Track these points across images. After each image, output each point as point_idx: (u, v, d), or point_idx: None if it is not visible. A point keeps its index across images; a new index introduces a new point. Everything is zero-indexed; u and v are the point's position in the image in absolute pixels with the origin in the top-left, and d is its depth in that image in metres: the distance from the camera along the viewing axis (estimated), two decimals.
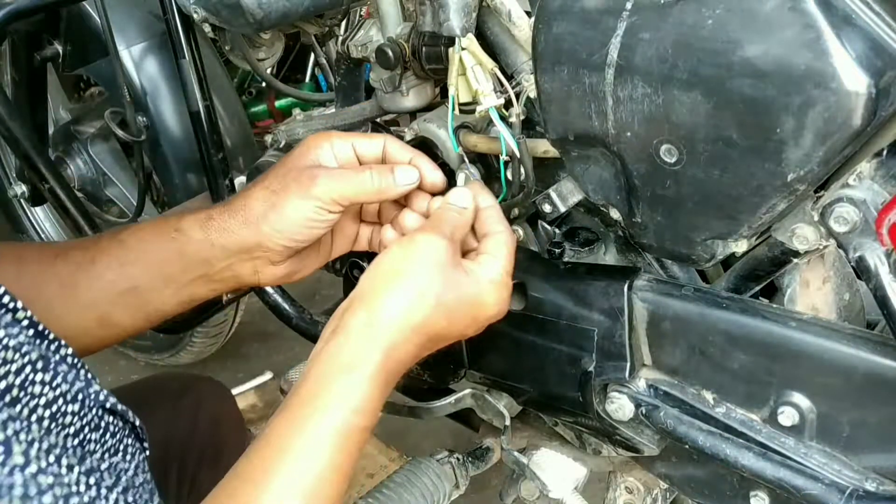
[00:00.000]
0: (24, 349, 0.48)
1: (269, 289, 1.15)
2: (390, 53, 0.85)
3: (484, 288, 0.65)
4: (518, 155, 0.76)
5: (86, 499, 0.46)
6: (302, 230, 0.68)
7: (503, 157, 0.78)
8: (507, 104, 0.77)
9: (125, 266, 0.70)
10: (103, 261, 0.69)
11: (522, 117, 0.75)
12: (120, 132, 1.29)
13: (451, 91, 0.78)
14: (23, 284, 0.67)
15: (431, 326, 0.63)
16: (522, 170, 0.78)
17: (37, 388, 0.48)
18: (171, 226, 0.70)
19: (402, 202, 0.75)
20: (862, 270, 0.63)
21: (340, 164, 0.70)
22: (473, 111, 0.78)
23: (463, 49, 0.76)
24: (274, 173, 0.69)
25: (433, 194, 0.74)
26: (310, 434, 0.58)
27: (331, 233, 0.76)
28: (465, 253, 0.70)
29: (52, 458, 0.45)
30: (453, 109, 0.80)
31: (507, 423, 0.92)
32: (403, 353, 0.62)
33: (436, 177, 0.72)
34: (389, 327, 0.61)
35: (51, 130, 1.66)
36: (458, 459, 1.02)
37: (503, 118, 0.76)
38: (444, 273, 0.63)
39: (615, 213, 0.75)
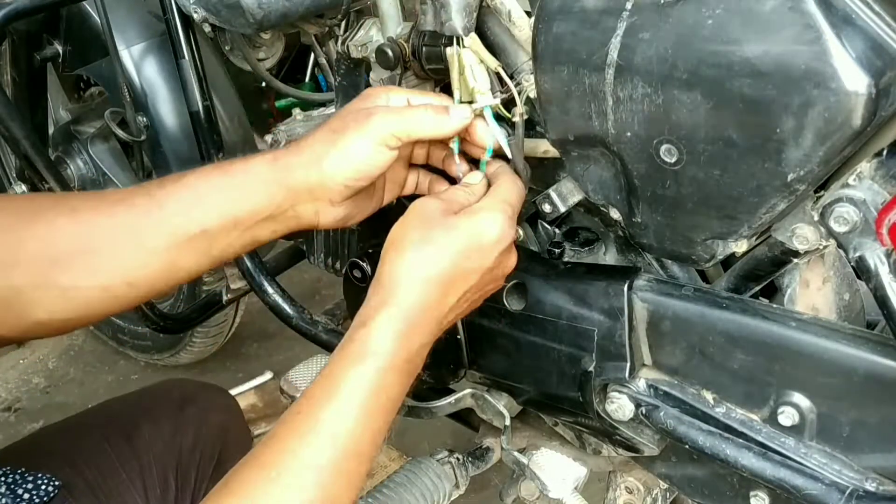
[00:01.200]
0: None
1: (269, 288, 1.15)
2: (390, 53, 0.84)
3: (480, 220, 0.67)
4: (510, 155, 0.76)
5: None
6: (361, 167, 0.70)
7: (486, 158, 0.77)
8: (509, 103, 0.77)
9: (193, 209, 0.70)
10: (171, 206, 0.70)
11: (526, 117, 0.75)
12: (120, 132, 1.29)
13: (456, 90, 0.78)
14: (78, 235, 0.68)
15: (433, 270, 0.65)
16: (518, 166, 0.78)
17: None
18: (238, 168, 0.71)
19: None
20: (862, 270, 0.63)
21: None
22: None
23: (465, 48, 0.76)
24: (335, 115, 0.73)
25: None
26: (335, 380, 0.63)
27: (383, 178, 0.78)
28: None
29: None
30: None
31: (507, 422, 0.92)
32: (415, 300, 0.65)
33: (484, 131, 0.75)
34: (392, 279, 0.66)
35: (51, 130, 1.66)
36: (457, 459, 1.02)
37: (501, 117, 0.76)
38: (433, 222, 0.67)
39: (615, 213, 0.75)
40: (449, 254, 0.66)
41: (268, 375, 1.89)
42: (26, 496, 0.78)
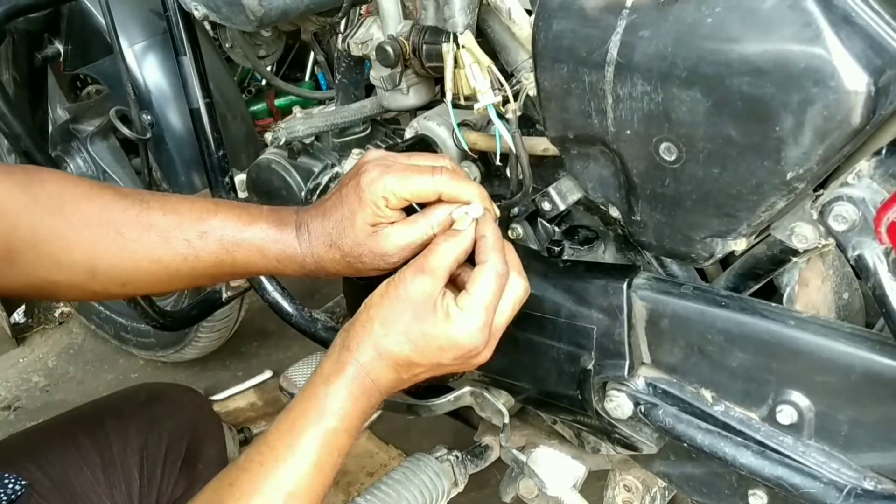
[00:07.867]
0: None
1: (268, 286, 1.15)
2: (391, 51, 0.85)
3: (455, 328, 0.68)
4: (514, 150, 0.76)
5: None
6: (378, 266, 0.74)
7: (498, 153, 0.78)
8: (507, 101, 0.77)
9: (226, 261, 0.76)
10: (206, 258, 0.76)
11: (519, 113, 0.75)
12: (126, 131, 1.29)
13: (448, 87, 0.78)
14: (119, 258, 0.74)
15: (398, 353, 0.68)
16: (519, 166, 0.78)
17: None
18: (273, 256, 0.76)
19: None
20: (861, 269, 0.63)
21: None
22: (471, 106, 0.78)
23: (462, 47, 0.76)
24: (340, 228, 0.72)
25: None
26: (295, 436, 0.68)
27: None
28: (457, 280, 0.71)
29: None
30: (453, 106, 0.80)
31: (506, 420, 0.92)
32: (376, 373, 0.69)
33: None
34: (360, 348, 0.69)
35: (49, 129, 1.66)
36: (456, 457, 1.02)
37: (500, 115, 0.76)
38: (417, 309, 0.68)
39: (614, 212, 0.75)
40: (417, 345, 0.68)
41: (267, 374, 1.89)
42: None
